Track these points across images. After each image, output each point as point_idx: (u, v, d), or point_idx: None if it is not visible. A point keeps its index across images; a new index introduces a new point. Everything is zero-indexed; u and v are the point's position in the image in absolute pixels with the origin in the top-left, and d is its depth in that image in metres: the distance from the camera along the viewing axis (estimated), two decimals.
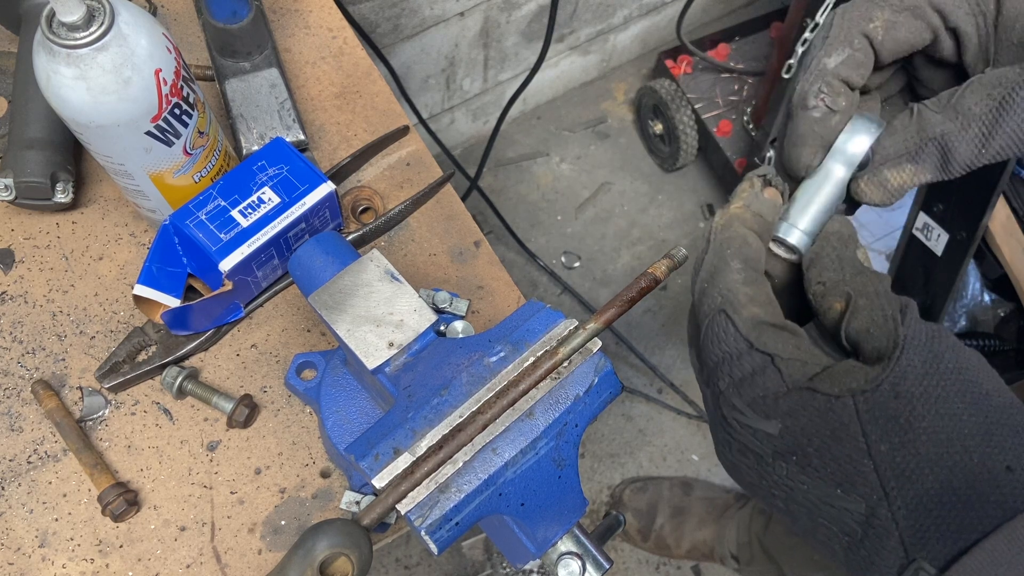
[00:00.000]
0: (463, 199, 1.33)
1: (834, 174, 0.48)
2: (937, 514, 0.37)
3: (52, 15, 0.61)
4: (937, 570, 0.37)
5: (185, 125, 0.71)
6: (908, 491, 0.38)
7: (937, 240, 1.49)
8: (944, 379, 0.39)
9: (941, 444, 0.38)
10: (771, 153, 0.58)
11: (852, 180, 0.48)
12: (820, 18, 1.54)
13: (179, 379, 0.77)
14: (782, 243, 0.49)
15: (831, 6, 1.52)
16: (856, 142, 0.48)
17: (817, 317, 0.46)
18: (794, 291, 0.50)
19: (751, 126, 1.99)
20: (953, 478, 0.37)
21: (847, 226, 0.47)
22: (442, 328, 0.65)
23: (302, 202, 0.76)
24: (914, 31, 0.47)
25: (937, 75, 0.51)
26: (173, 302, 0.75)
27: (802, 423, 0.40)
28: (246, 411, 0.77)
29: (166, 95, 0.67)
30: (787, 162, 0.50)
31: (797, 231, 0.48)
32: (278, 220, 0.76)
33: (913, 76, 0.53)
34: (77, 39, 0.61)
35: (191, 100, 0.71)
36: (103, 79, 0.63)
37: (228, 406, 0.77)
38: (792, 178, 0.51)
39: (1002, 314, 1.72)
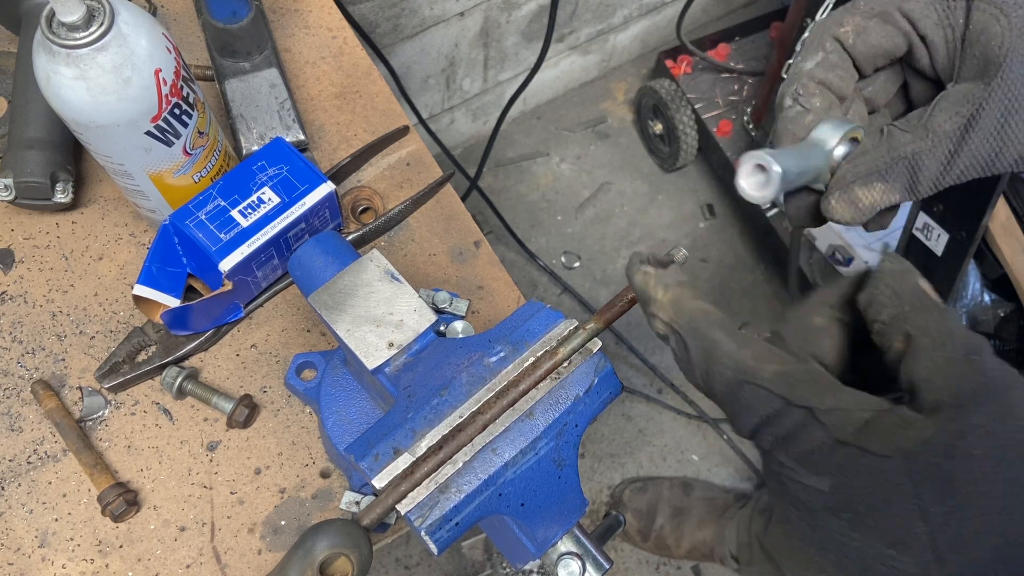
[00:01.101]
0: (463, 199, 1.33)
1: (812, 145, 0.47)
2: None
3: (52, 15, 0.61)
4: None
5: (185, 125, 0.71)
6: (962, 557, 0.36)
7: (937, 240, 1.49)
8: (1010, 439, 0.37)
9: (999, 511, 0.36)
10: (790, 96, 0.57)
11: (823, 197, 0.48)
12: (820, 18, 1.54)
13: (179, 379, 0.77)
14: (751, 170, 0.45)
15: (831, 6, 1.52)
16: (822, 129, 0.47)
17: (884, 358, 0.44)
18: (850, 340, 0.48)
19: (751, 126, 1.99)
20: (1008, 547, 0.36)
21: (900, 261, 0.45)
22: (442, 328, 0.65)
23: (302, 202, 0.76)
24: (885, 36, 0.47)
25: (924, 91, 0.51)
26: (173, 302, 0.75)
27: (852, 481, 0.38)
28: (246, 411, 0.77)
29: (166, 95, 0.67)
30: None
31: (767, 155, 0.44)
32: (278, 220, 0.76)
33: (909, 99, 0.53)
34: (77, 39, 0.61)
35: (191, 100, 0.71)
36: (103, 79, 0.63)
37: (228, 406, 0.77)
38: None
39: (1002, 314, 1.72)
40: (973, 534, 0.37)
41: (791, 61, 1.58)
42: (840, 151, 0.47)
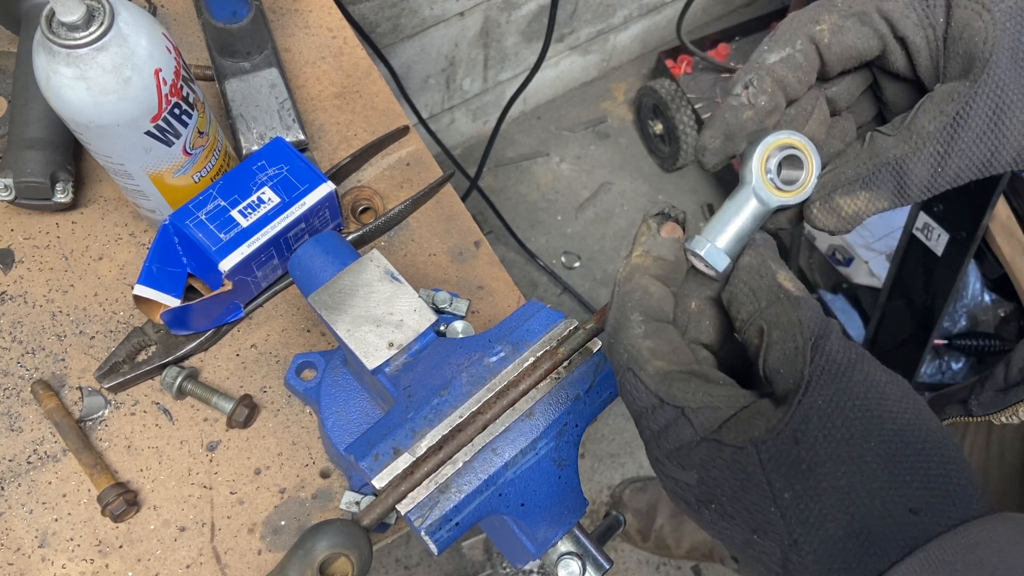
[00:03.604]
0: (463, 199, 1.33)
1: (745, 187, 0.46)
2: (843, 559, 0.37)
3: (52, 15, 0.61)
4: None
5: (185, 125, 0.71)
6: (814, 538, 0.37)
7: (937, 240, 1.49)
8: (849, 418, 0.38)
9: (843, 490, 0.37)
10: (741, 84, 0.53)
11: (805, 207, 0.47)
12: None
13: (179, 379, 0.77)
14: (697, 257, 0.46)
15: None
16: (750, 153, 0.46)
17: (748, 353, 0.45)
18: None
19: None
20: (856, 523, 0.37)
21: (759, 253, 0.45)
22: (442, 328, 0.65)
23: (302, 202, 0.76)
24: (862, 37, 0.46)
25: (901, 94, 0.50)
26: (173, 302, 0.75)
27: (714, 474, 0.40)
28: (246, 411, 0.77)
29: (166, 95, 0.67)
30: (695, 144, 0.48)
31: (707, 243, 0.46)
32: (278, 220, 0.76)
33: (882, 102, 0.51)
34: (77, 39, 0.61)
35: (191, 100, 0.71)
36: (103, 79, 0.63)
37: (228, 406, 0.77)
38: (700, 165, 0.49)
39: (1002, 314, 1.72)
40: (821, 515, 0.37)
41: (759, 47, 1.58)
42: (779, 176, 0.45)
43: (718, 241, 0.46)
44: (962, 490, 0.37)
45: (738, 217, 0.46)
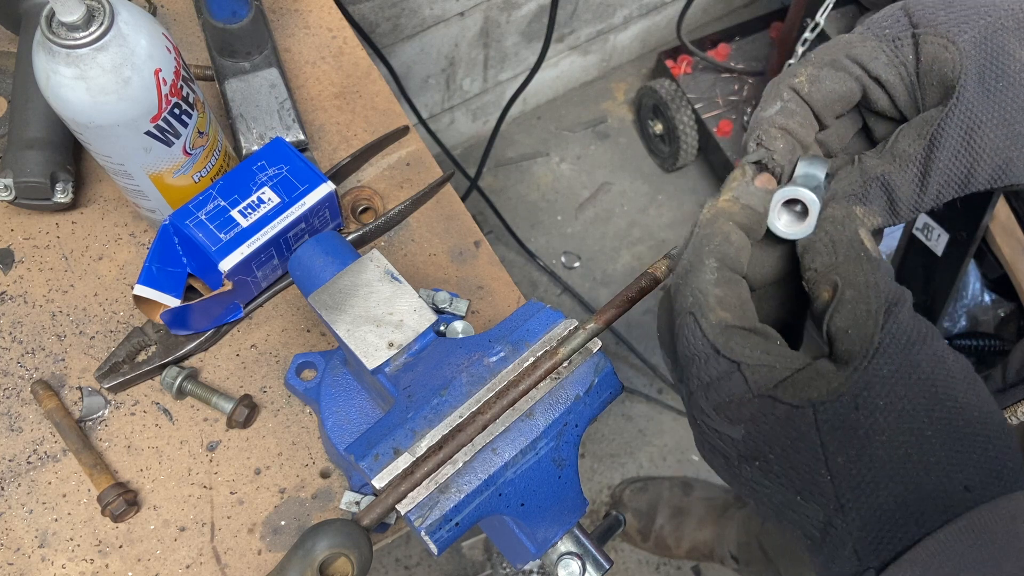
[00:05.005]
0: (463, 199, 1.33)
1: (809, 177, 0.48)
2: (889, 528, 0.37)
3: (52, 15, 0.61)
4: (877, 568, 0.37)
5: (185, 125, 0.71)
6: (863, 504, 0.38)
7: (937, 240, 1.49)
8: (913, 391, 0.38)
9: (899, 460, 0.38)
10: (752, 142, 0.55)
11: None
12: (820, 18, 1.54)
13: (179, 379, 0.77)
14: (788, 207, 0.46)
15: (831, 6, 1.52)
16: (806, 166, 0.47)
17: (811, 307, 0.45)
18: (791, 287, 0.49)
19: None
20: (908, 494, 0.37)
21: (845, 206, 0.46)
22: (442, 328, 0.65)
23: (302, 202, 0.76)
24: (839, 82, 0.48)
25: (889, 130, 0.52)
26: (173, 302, 0.75)
27: (764, 430, 0.40)
28: (246, 411, 0.77)
29: (166, 95, 0.67)
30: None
31: (800, 189, 0.45)
32: (278, 220, 0.76)
33: (873, 141, 0.53)
34: (77, 39, 0.61)
35: (191, 100, 0.71)
36: (103, 79, 0.63)
37: (228, 406, 0.77)
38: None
39: (1002, 314, 1.72)
40: (874, 483, 0.38)
41: (800, 53, 1.58)
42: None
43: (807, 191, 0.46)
44: (1014, 474, 0.38)
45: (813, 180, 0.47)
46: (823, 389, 0.39)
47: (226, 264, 0.73)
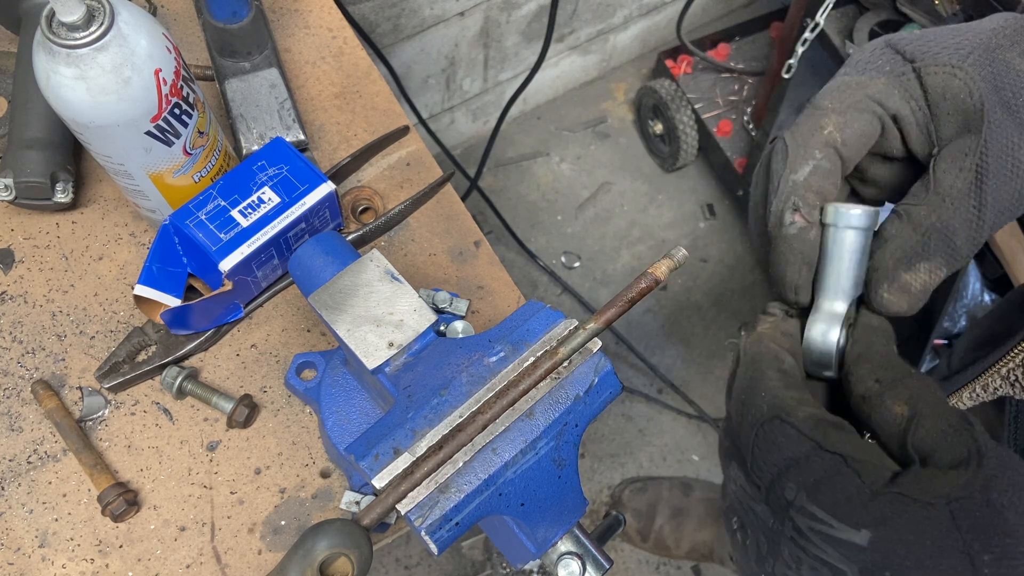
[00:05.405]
0: (463, 199, 1.33)
1: (847, 242, 0.47)
2: None
3: (52, 15, 0.61)
4: None
5: (185, 125, 0.71)
6: None
7: None
8: (1019, 490, 0.37)
9: None
10: (789, 212, 0.55)
11: (875, 292, 0.47)
12: (820, 18, 1.54)
13: (179, 379, 0.77)
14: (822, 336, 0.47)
15: (831, 6, 1.52)
16: (851, 204, 0.47)
17: (862, 418, 0.43)
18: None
19: (751, 126, 1.99)
20: None
21: (884, 321, 0.45)
22: (442, 328, 0.65)
23: (302, 202, 0.76)
24: (864, 123, 0.47)
25: (884, 171, 0.51)
26: (173, 302, 0.75)
27: (897, 533, 0.37)
28: (246, 411, 0.77)
29: (166, 95, 0.67)
30: (775, 286, 0.48)
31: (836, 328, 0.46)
32: (278, 220, 0.76)
33: (858, 178, 0.52)
34: (77, 39, 0.61)
35: (191, 100, 0.71)
36: (103, 79, 0.63)
37: (228, 406, 0.77)
38: (784, 301, 0.49)
39: None
40: None
41: (778, 176, 1.57)
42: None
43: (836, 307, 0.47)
44: None
45: (845, 269, 0.47)
46: (954, 486, 0.37)
47: (226, 264, 0.73)
